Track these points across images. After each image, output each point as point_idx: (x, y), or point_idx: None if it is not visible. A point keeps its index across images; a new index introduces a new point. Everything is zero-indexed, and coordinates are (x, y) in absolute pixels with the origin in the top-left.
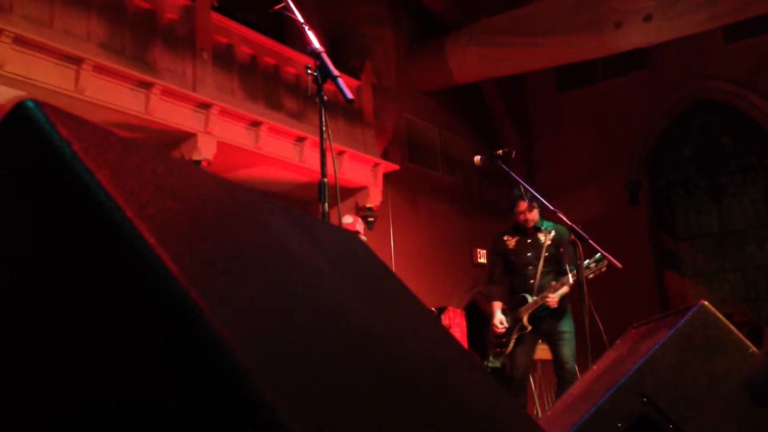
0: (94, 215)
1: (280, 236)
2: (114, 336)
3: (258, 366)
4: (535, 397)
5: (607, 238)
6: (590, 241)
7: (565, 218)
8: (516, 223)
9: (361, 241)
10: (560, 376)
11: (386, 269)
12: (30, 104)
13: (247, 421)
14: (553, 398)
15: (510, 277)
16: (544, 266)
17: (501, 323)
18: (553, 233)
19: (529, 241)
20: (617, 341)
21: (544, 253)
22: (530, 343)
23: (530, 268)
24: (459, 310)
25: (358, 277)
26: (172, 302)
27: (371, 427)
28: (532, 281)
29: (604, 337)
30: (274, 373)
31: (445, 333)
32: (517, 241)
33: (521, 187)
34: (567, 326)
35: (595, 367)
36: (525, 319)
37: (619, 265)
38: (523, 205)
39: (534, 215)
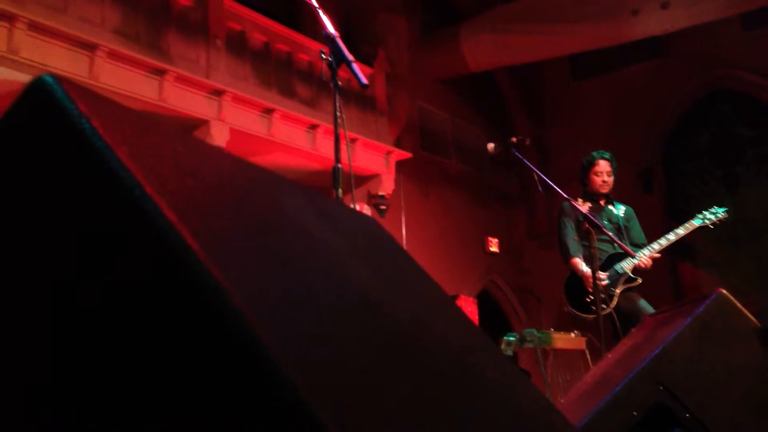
0: (113, 191)
1: (297, 216)
2: (132, 306)
3: (278, 344)
4: (547, 384)
5: None
6: (603, 229)
7: (579, 206)
8: (586, 190)
9: (378, 223)
10: None
11: (404, 252)
12: (49, 79)
13: (268, 397)
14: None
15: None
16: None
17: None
18: (623, 207)
19: (602, 209)
20: (633, 329)
21: (621, 224)
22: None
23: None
24: (471, 298)
25: (376, 258)
26: (192, 278)
27: (394, 406)
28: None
29: (618, 325)
30: (294, 351)
31: (464, 316)
32: (590, 208)
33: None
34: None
35: (610, 356)
36: (629, 270)
37: (633, 254)
38: (606, 165)
39: (612, 181)
